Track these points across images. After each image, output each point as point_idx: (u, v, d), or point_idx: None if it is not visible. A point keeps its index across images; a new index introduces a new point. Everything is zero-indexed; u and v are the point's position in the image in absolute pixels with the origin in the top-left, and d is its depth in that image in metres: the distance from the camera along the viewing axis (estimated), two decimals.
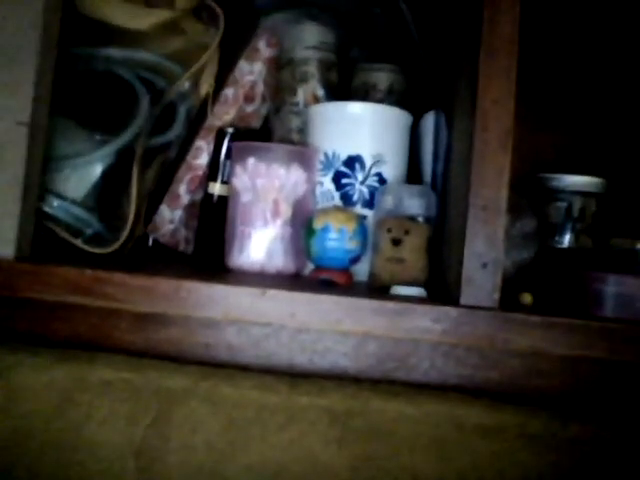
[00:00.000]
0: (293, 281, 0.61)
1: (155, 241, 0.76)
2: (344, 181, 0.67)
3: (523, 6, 0.52)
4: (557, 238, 0.73)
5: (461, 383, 0.53)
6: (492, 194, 0.51)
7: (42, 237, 0.59)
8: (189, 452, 0.50)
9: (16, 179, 0.53)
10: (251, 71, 0.78)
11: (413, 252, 0.60)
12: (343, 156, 0.67)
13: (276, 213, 0.65)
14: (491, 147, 0.51)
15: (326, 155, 0.68)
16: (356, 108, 0.69)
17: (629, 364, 0.51)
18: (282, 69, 0.79)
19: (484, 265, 0.50)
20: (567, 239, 0.73)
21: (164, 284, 0.51)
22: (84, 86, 0.68)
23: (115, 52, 0.70)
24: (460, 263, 0.51)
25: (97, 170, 0.67)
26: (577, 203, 0.73)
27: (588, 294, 0.54)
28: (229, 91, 0.78)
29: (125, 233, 0.67)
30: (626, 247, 0.60)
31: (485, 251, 0.50)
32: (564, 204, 0.73)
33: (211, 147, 0.75)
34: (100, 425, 0.50)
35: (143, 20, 0.70)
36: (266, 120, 0.81)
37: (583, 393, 0.52)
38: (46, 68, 0.56)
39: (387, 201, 0.64)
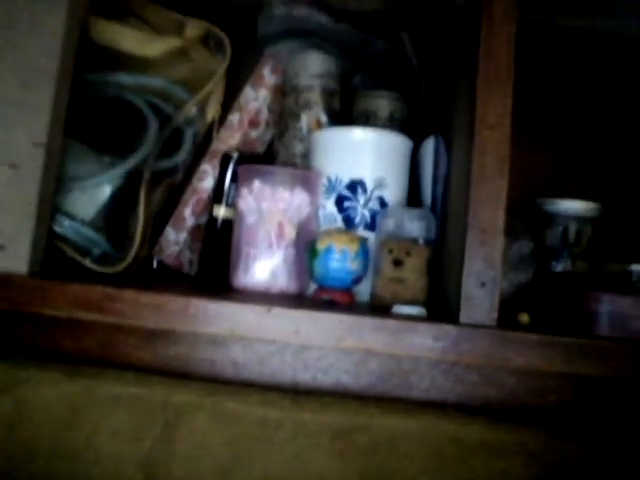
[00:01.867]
0: (297, 300, 0.63)
1: (160, 263, 0.78)
2: (346, 204, 0.69)
3: (519, 35, 0.55)
4: (554, 262, 0.74)
5: (460, 400, 0.54)
6: (490, 216, 0.52)
7: (51, 256, 0.61)
8: (194, 465, 0.50)
9: (32, 197, 0.55)
10: (256, 98, 0.81)
11: (414, 272, 0.61)
12: (345, 180, 0.69)
13: (280, 235, 0.66)
14: (489, 171, 0.53)
15: (329, 179, 0.70)
16: (358, 134, 0.71)
17: (624, 382, 0.52)
18: (286, 96, 0.81)
19: (482, 284, 0.52)
20: (563, 263, 0.74)
21: (173, 301, 0.52)
22: (95, 111, 0.70)
23: (125, 78, 0.72)
24: (459, 283, 0.53)
25: (106, 192, 0.69)
26: (573, 227, 0.75)
27: (584, 314, 0.55)
28: (234, 117, 0.80)
29: (132, 253, 0.68)
30: (620, 269, 0.62)
31: (483, 271, 0.52)
32: (560, 228, 0.75)
33: (216, 171, 0.76)
34: (108, 438, 0.51)
35: (153, 47, 0.72)
36: (270, 145, 0.83)
37: (579, 410, 0.53)
38: (62, 92, 0.58)
39: (388, 224, 0.66)
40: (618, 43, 0.86)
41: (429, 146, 0.73)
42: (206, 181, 0.78)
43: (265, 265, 0.66)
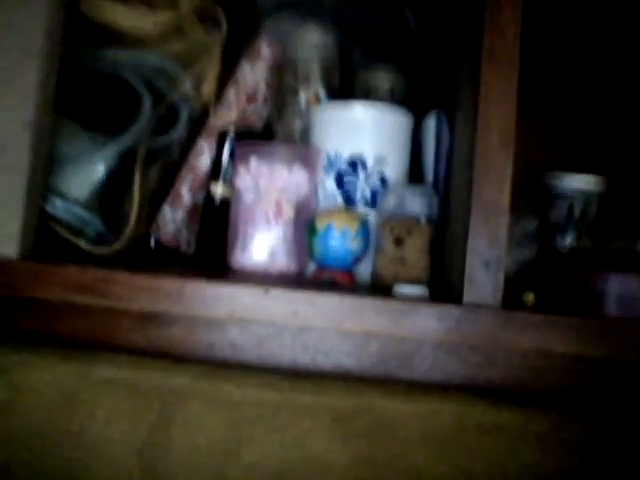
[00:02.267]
0: (296, 281, 0.61)
1: (157, 243, 0.76)
2: (346, 180, 0.68)
3: (525, 9, 0.53)
4: (559, 238, 0.73)
5: (464, 382, 0.53)
6: (494, 194, 0.51)
7: (45, 237, 0.60)
8: (192, 450, 0.50)
9: (20, 179, 0.53)
10: (253, 72, 0.79)
11: (415, 252, 0.60)
12: (345, 156, 0.68)
13: (279, 213, 0.65)
14: (493, 147, 0.51)
15: (328, 155, 0.68)
16: (358, 109, 0.69)
17: (630, 362, 0.51)
18: (284, 70, 0.80)
19: (486, 264, 0.51)
20: (569, 239, 0.73)
21: (168, 283, 0.51)
22: (87, 88, 0.68)
23: (119, 54, 0.70)
24: (462, 262, 0.51)
25: (100, 171, 0.67)
26: (578, 202, 0.73)
27: (590, 293, 0.54)
28: (231, 92, 0.78)
29: (127, 233, 0.67)
30: (627, 247, 0.61)
31: (487, 250, 0.51)
32: (566, 204, 0.73)
33: (213, 148, 0.75)
34: (103, 423, 0.51)
35: (146, 22, 0.70)
36: (268, 122, 0.82)
37: (585, 391, 0.52)
38: (50, 70, 0.56)
39: (389, 201, 0.64)
40: (626, 16, 0.83)
41: (431, 122, 0.71)
42: (203, 157, 0.76)
43: (263, 244, 0.65)
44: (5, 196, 0.54)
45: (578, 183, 0.74)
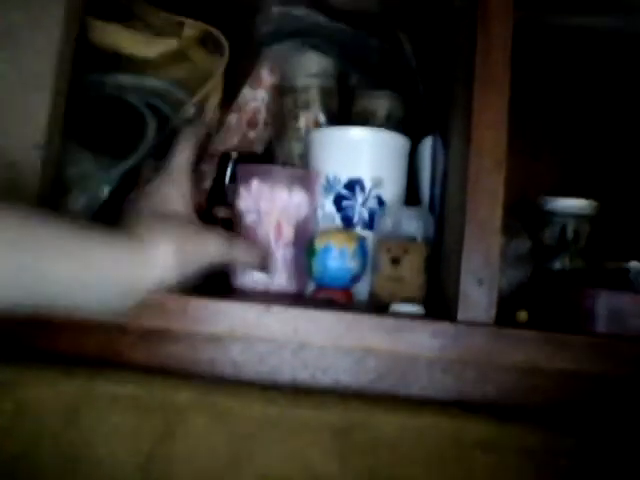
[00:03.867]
0: (296, 299, 0.63)
1: None
2: (345, 203, 0.69)
3: (515, 37, 0.55)
4: (552, 260, 0.74)
5: (459, 398, 0.54)
6: (487, 214, 0.53)
7: None
8: (194, 464, 0.51)
9: (31, 198, 0.55)
10: (254, 98, 0.81)
11: (411, 271, 0.61)
12: (344, 179, 0.70)
13: (279, 234, 0.66)
14: (485, 170, 0.53)
15: (327, 178, 0.70)
16: (357, 133, 0.71)
17: (621, 378, 0.52)
18: (284, 96, 0.82)
19: (480, 282, 0.52)
20: (561, 261, 0.75)
21: (171, 300, 0.52)
22: (94, 111, 0.70)
23: (124, 79, 0.72)
24: (457, 280, 0.53)
25: (104, 192, 0.69)
26: (571, 225, 0.75)
27: (581, 310, 0.56)
28: (233, 117, 0.80)
29: None
30: (617, 266, 0.62)
31: (481, 268, 0.52)
32: (558, 226, 0.75)
33: (214, 171, 0.77)
34: (106, 438, 0.52)
35: (152, 48, 0.72)
36: (268, 145, 0.84)
37: (577, 406, 0.53)
38: (60, 94, 0.58)
39: (386, 222, 0.66)
40: (616, 42, 0.86)
41: (427, 145, 0.73)
42: (205, 181, 0.78)
43: None
44: None
45: (571, 206, 0.76)
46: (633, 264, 0.62)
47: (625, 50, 0.86)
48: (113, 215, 0.69)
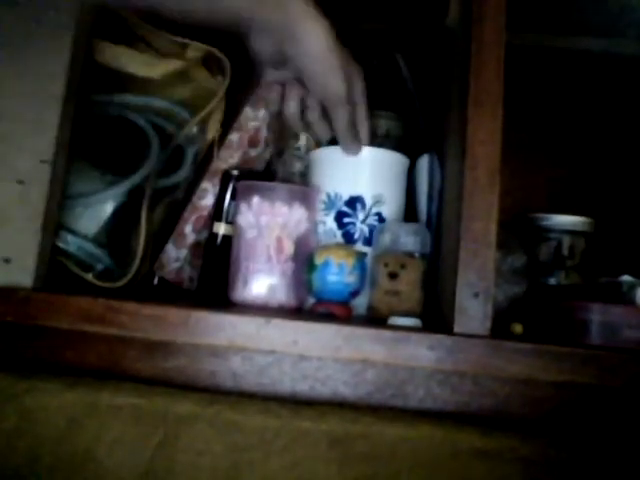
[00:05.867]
0: (295, 313, 0.64)
1: (160, 279, 0.79)
2: (346, 220, 0.71)
3: (509, 56, 0.57)
4: (547, 275, 0.76)
5: (456, 409, 0.55)
6: (482, 228, 0.54)
7: (54, 271, 0.62)
8: (195, 474, 0.51)
9: (38, 213, 0.57)
10: (255, 117, 0.83)
11: (409, 285, 0.63)
12: (345, 197, 0.71)
13: (279, 250, 0.68)
14: (480, 186, 0.55)
15: (329, 196, 0.72)
16: None
17: (615, 389, 0.53)
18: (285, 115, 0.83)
19: (476, 295, 0.53)
20: (557, 276, 0.76)
21: (174, 313, 0.53)
22: (99, 130, 0.72)
23: (129, 98, 0.74)
24: (453, 294, 0.54)
25: (109, 208, 0.70)
26: (566, 242, 0.76)
27: (575, 323, 0.57)
28: (234, 136, 0.82)
29: (133, 269, 0.70)
30: (610, 280, 0.63)
31: (476, 282, 0.53)
32: (554, 242, 0.76)
33: (216, 189, 0.78)
34: (109, 448, 0.52)
35: (156, 69, 0.74)
36: (269, 163, 0.85)
37: (572, 418, 0.54)
38: (68, 112, 0.60)
39: (385, 238, 0.67)
40: (609, 62, 0.88)
41: (424, 163, 0.74)
42: (207, 199, 0.79)
43: (264, 279, 0.67)
44: (23, 228, 0.57)
45: (566, 223, 0.77)
46: (625, 278, 0.63)
47: (613, 70, 0.88)
48: (118, 231, 0.71)
